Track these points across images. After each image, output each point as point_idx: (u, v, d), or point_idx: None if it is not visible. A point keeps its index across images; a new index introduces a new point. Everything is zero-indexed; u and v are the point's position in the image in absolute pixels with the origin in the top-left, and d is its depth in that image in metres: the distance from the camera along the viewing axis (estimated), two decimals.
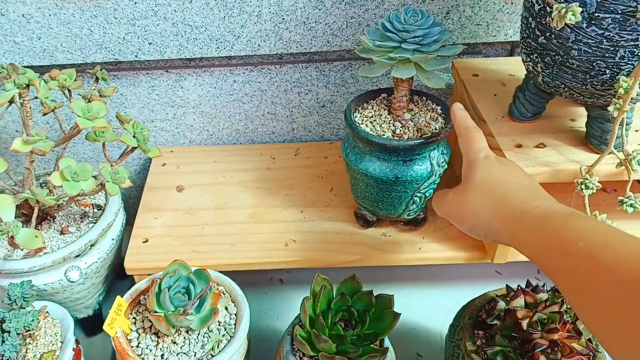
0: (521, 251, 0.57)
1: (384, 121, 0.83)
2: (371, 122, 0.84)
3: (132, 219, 0.97)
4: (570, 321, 0.70)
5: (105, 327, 0.72)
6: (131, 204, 1.16)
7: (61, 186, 0.71)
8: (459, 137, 0.70)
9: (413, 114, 0.84)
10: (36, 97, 0.76)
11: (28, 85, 0.77)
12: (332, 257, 0.89)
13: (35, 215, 0.78)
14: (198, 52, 0.98)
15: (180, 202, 1.00)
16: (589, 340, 0.71)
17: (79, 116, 0.72)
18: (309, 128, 1.13)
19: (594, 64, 0.67)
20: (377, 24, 0.96)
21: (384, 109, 0.86)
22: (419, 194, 0.84)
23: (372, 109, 0.86)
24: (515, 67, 0.96)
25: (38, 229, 0.84)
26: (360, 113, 0.86)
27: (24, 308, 0.73)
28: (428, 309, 1.00)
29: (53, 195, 0.79)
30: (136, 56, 0.97)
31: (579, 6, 0.63)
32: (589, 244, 0.49)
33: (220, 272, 0.84)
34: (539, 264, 0.55)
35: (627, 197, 0.70)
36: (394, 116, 0.84)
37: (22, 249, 0.81)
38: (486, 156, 0.65)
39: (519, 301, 0.73)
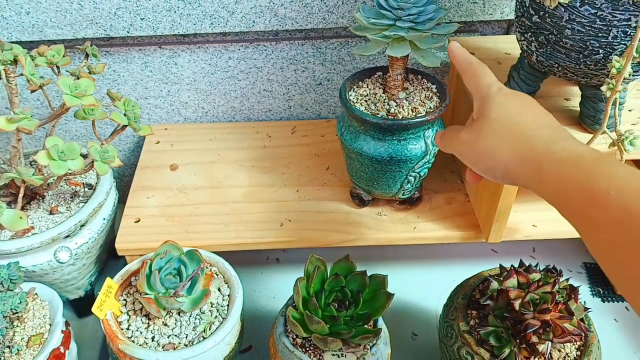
0: (544, 197, 0.52)
1: (379, 100, 0.82)
2: (366, 100, 0.82)
3: (126, 197, 0.96)
4: (562, 301, 0.69)
5: (94, 309, 0.71)
6: (125, 182, 1.16)
7: (47, 166, 0.70)
8: (463, 74, 0.63)
9: (408, 92, 0.82)
10: (22, 74, 0.74)
11: (15, 62, 0.75)
12: (327, 237, 0.88)
13: (21, 195, 0.77)
14: (192, 28, 0.96)
15: (173, 181, 0.99)
16: (581, 320, 0.71)
17: (66, 94, 0.71)
18: (306, 106, 1.11)
19: (587, 43, 0.66)
20: (373, 2, 0.94)
21: (379, 88, 0.84)
22: (413, 174, 0.83)
23: (367, 87, 0.85)
24: (511, 45, 0.95)
25: (26, 209, 0.84)
26: (355, 92, 0.84)
27: (11, 290, 0.72)
28: (424, 288, 1.00)
29: (42, 174, 0.78)
30: (128, 32, 0.95)
31: None
32: (621, 193, 0.44)
33: (214, 252, 0.84)
34: (563, 212, 0.50)
35: None
36: (388, 95, 0.82)
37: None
38: (499, 89, 0.59)
39: (512, 281, 0.72)
